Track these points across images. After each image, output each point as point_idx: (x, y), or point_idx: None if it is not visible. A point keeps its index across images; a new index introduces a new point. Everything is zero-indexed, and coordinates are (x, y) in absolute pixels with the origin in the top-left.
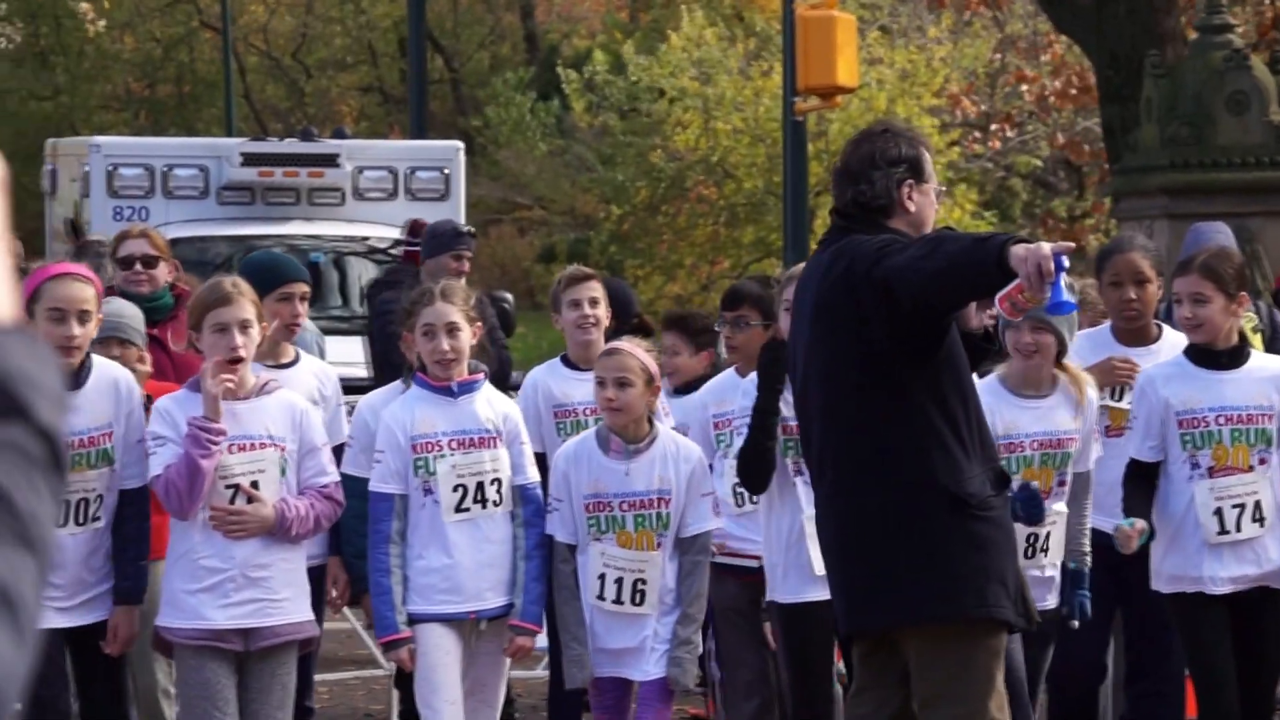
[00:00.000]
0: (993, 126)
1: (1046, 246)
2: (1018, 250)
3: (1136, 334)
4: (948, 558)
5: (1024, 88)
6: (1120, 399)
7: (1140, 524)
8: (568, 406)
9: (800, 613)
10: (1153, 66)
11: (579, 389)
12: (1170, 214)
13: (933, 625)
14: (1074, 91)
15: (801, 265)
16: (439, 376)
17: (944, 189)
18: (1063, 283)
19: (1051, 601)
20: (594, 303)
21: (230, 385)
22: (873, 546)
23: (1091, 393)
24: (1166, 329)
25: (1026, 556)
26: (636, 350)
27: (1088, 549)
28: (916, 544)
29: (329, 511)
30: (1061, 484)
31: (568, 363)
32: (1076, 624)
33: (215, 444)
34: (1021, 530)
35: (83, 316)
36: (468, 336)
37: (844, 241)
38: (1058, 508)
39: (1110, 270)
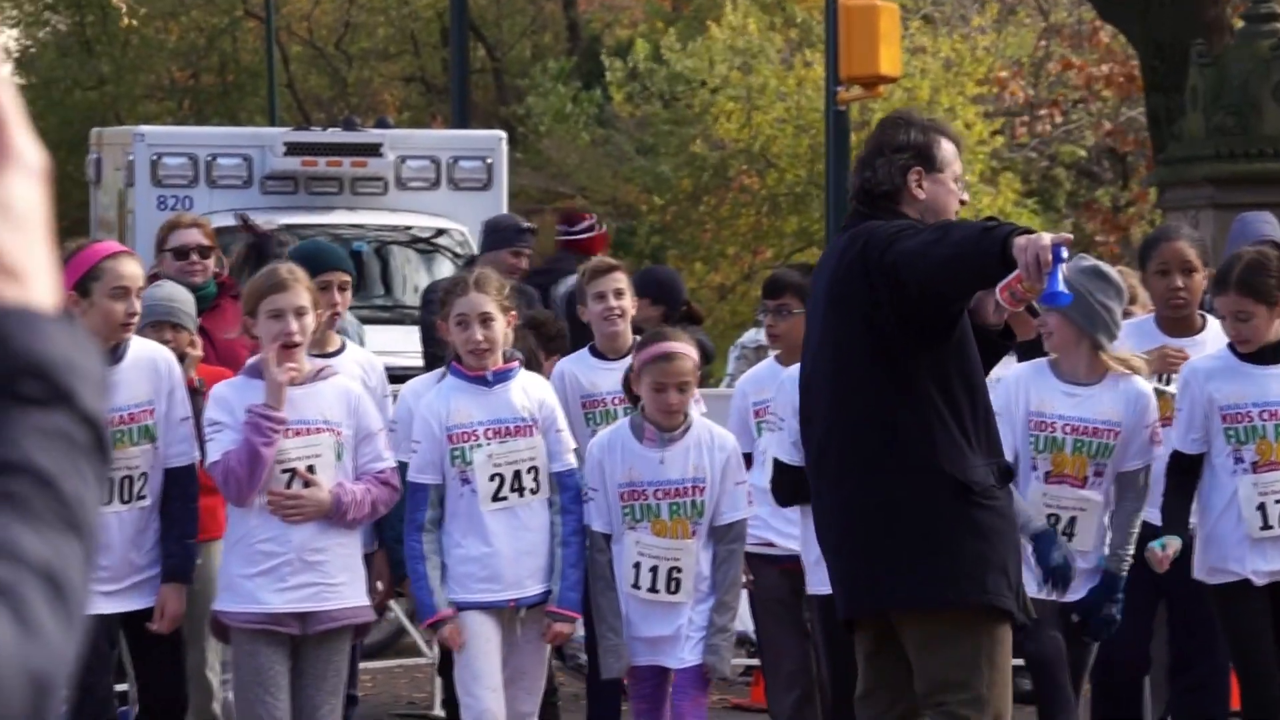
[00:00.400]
0: (1041, 111)
1: (1046, 237)
2: (1019, 240)
3: (1182, 324)
4: (950, 543)
5: (1071, 73)
6: (1169, 384)
7: (1173, 547)
8: (596, 396)
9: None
10: (1198, 55)
11: (607, 379)
12: (1216, 204)
13: (933, 611)
14: (1120, 80)
15: None
16: (473, 366)
17: (963, 182)
18: (1060, 274)
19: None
20: (619, 294)
21: (294, 373)
22: (875, 532)
23: (1145, 388)
24: (1211, 319)
25: None
26: (690, 350)
27: (1127, 555)
28: (919, 529)
29: (385, 497)
30: (1098, 474)
31: (595, 353)
32: (1089, 636)
33: (276, 432)
34: (1039, 510)
35: (138, 294)
36: (502, 326)
37: (860, 226)
38: (1090, 495)
39: (1157, 259)
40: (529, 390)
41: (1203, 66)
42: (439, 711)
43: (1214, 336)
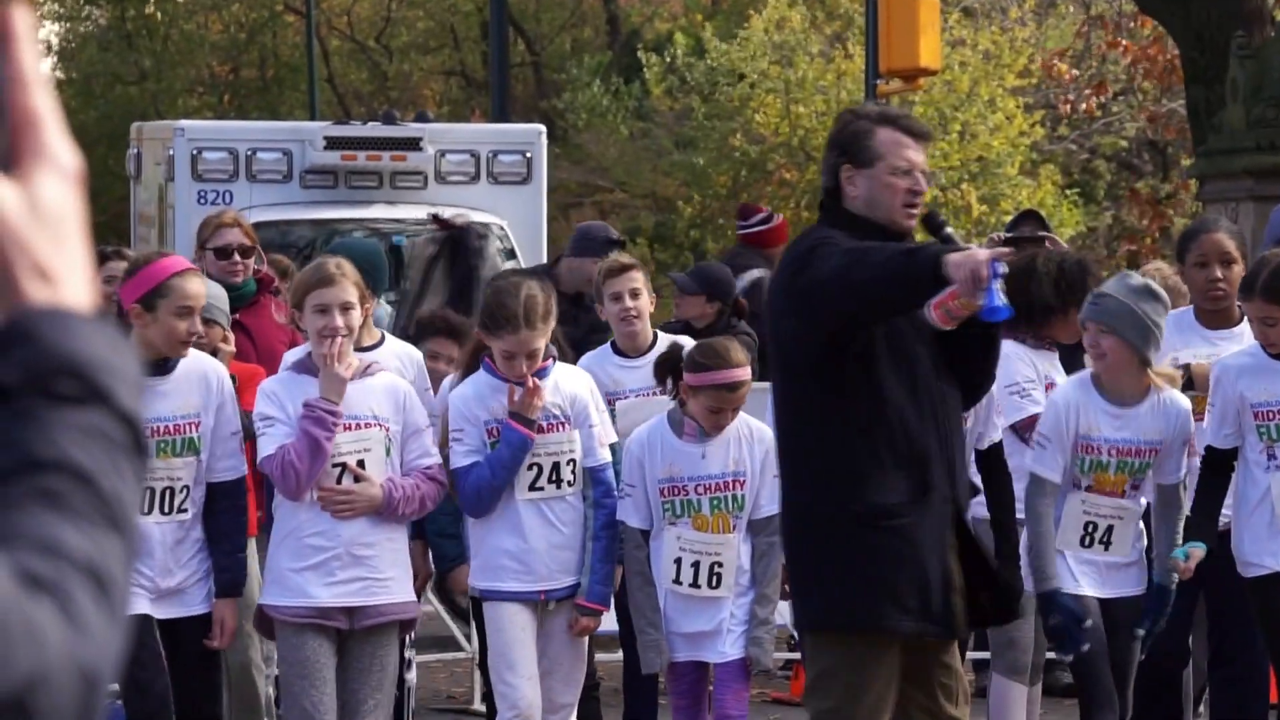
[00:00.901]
0: (1086, 90)
1: (982, 253)
2: (954, 257)
3: (1220, 316)
4: (842, 569)
5: (1116, 51)
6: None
7: (1196, 555)
8: (619, 394)
9: None
10: (1239, 48)
11: (630, 376)
12: (1255, 196)
13: (820, 633)
14: (1160, 70)
15: None
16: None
17: (918, 171)
18: (997, 289)
19: (1128, 591)
20: (634, 294)
21: (349, 368)
22: (789, 557)
23: (1184, 402)
24: None
25: (1083, 545)
26: (747, 372)
27: (1179, 566)
28: (816, 553)
29: (434, 493)
30: (1135, 487)
31: (617, 350)
32: (1140, 633)
33: (337, 424)
34: (1079, 517)
35: (199, 311)
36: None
37: (799, 236)
38: (1127, 504)
39: (1196, 251)
40: (561, 386)
41: (1243, 59)
42: (479, 706)
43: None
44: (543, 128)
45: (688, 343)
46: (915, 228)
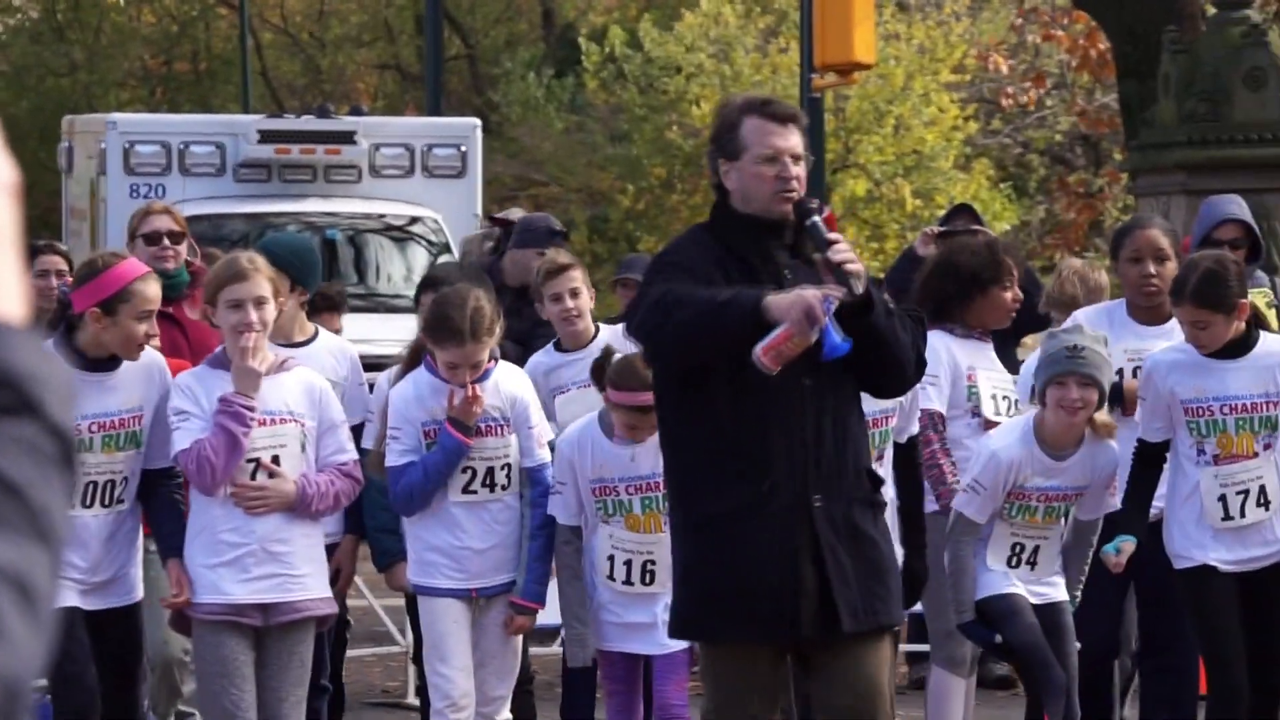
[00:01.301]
0: (1026, 84)
1: (811, 291)
2: (779, 301)
3: (1154, 312)
4: (682, 578)
5: (1050, 44)
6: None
7: (1127, 549)
8: (563, 388)
9: None
10: (1170, 42)
11: (571, 370)
12: (1187, 190)
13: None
14: (1093, 63)
15: None
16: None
17: (788, 156)
18: (832, 325)
19: (1059, 595)
20: (574, 294)
21: (263, 363)
22: None
23: (1113, 451)
24: None
25: (1011, 565)
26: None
27: (1079, 591)
28: (674, 563)
29: (348, 489)
30: (1059, 520)
31: (560, 347)
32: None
33: (253, 419)
34: (1006, 540)
35: (154, 314)
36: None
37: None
38: (1051, 530)
39: (1130, 247)
40: (502, 387)
41: (1175, 53)
42: (413, 699)
43: None
44: (478, 121)
45: (622, 344)
46: (790, 214)
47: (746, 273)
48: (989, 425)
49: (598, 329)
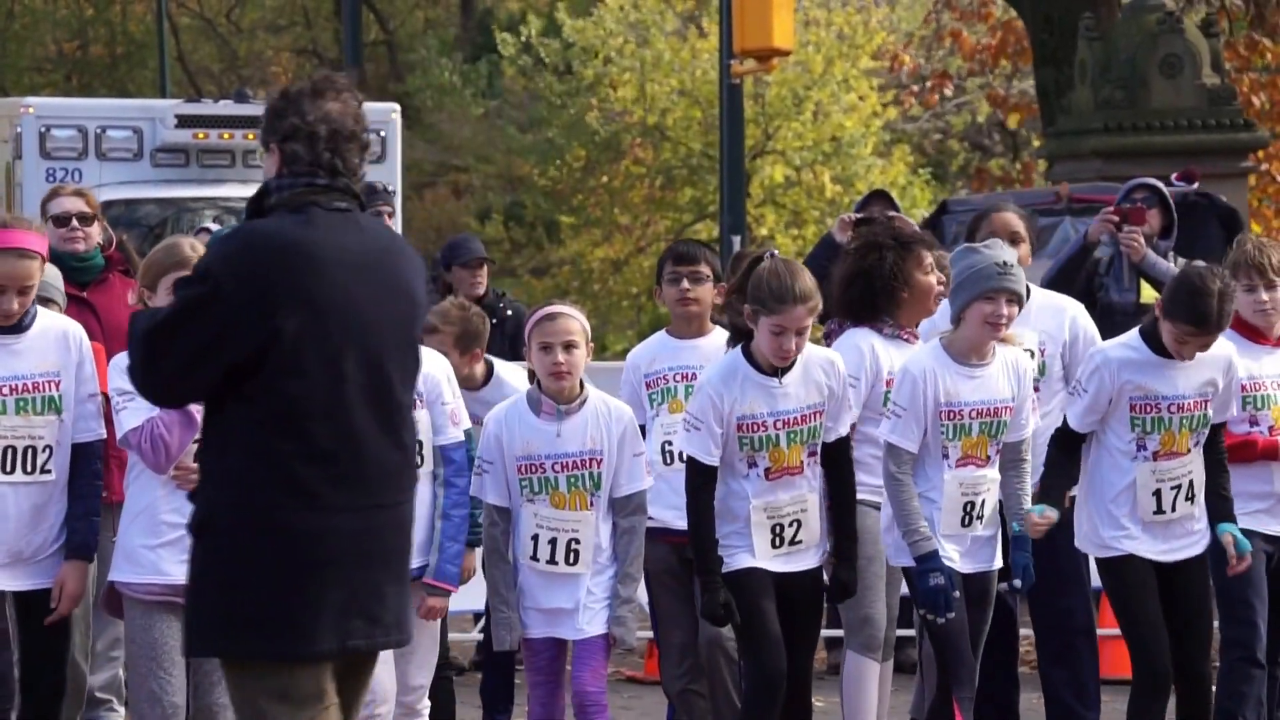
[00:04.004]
0: (929, 84)
1: None
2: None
3: None
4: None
5: (957, 43)
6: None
7: (1051, 514)
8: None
9: (738, 579)
10: (1086, 29)
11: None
12: (1104, 176)
13: None
14: (1010, 51)
15: (754, 249)
16: None
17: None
18: None
19: (988, 566)
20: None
21: None
22: None
23: (1026, 360)
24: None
25: (963, 525)
26: (577, 312)
27: (1034, 520)
28: None
29: None
30: (998, 451)
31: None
32: (1019, 584)
33: None
34: (958, 499)
35: (24, 290)
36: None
37: None
38: (991, 474)
39: (985, 230)
40: None
41: (1091, 40)
42: None
43: (1036, 308)
44: (397, 106)
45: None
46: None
47: None
48: None
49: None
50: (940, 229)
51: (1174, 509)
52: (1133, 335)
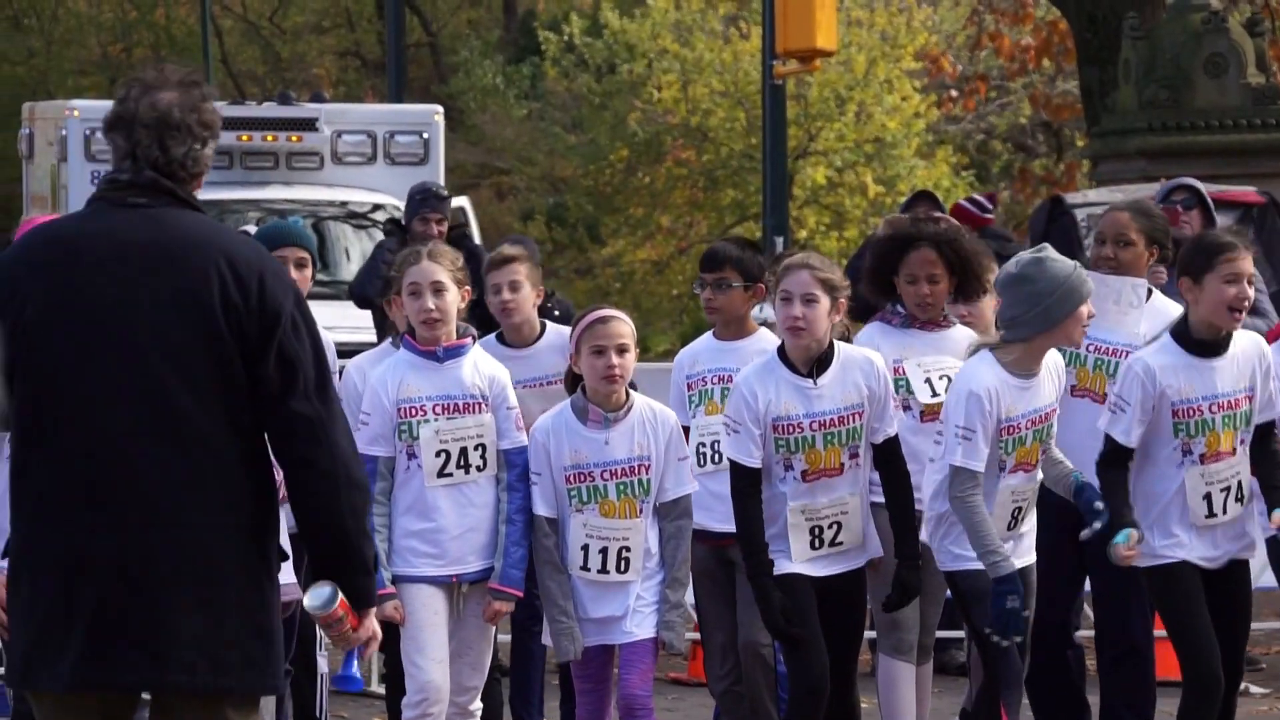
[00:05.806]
0: (967, 87)
1: None
2: None
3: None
4: None
5: (995, 47)
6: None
7: (1135, 535)
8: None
9: (785, 583)
10: (1131, 29)
11: (515, 368)
12: (1148, 176)
13: None
14: (1054, 51)
15: (799, 251)
16: (425, 338)
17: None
18: None
19: (1031, 559)
20: (514, 286)
21: None
22: None
23: (1061, 360)
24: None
25: (1008, 529)
26: (625, 316)
27: (1121, 552)
28: None
29: None
30: (1044, 453)
31: (503, 340)
32: (1099, 526)
33: None
34: (1009, 506)
35: None
36: (454, 297)
37: None
38: (1037, 476)
39: (1097, 230)
40: (480, 367)
41: (1135, 40)
42: (376, 687)
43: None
44: (439, 108)
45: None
46: None
47: None
48: (928, 411)
49: (544, 326)
50: (1060, 225)
51: (1225, 511)
52: (1165, 340)
